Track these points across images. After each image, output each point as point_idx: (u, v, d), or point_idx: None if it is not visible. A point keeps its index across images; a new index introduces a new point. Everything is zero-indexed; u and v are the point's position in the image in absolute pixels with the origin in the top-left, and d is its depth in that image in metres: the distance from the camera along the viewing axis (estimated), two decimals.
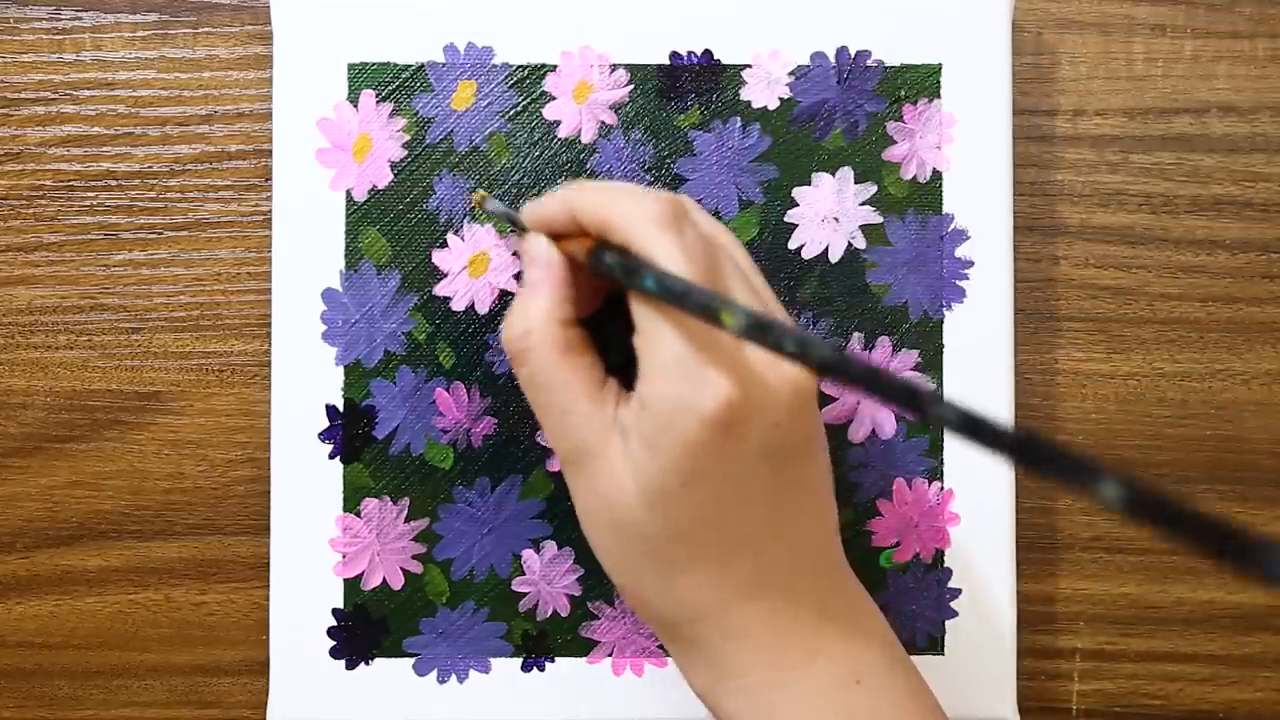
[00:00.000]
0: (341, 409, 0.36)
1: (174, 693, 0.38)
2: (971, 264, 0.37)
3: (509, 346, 0.29)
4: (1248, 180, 0.38)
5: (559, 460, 0.30)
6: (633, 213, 0.28)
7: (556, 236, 0.30)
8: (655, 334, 0.27)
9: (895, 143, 0.37)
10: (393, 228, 0.36)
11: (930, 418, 0.22)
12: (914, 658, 0.36)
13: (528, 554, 0.36)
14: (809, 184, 0.37)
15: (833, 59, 0.37)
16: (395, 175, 0.36)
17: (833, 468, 0.29)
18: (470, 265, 0.36)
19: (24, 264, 0.38)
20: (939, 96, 0.37)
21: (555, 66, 0.37)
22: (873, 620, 0.30)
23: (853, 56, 0.37)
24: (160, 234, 0.38)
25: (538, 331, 0.28)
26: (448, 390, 0.36)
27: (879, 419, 0.37)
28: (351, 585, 0.36)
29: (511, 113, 0.37)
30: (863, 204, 0.37)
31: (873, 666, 0.29)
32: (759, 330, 0.25)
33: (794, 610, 0.29)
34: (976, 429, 0.22)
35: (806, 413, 0.28)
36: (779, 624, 0.28)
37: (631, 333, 0.28)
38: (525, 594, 0.36)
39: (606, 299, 0.31)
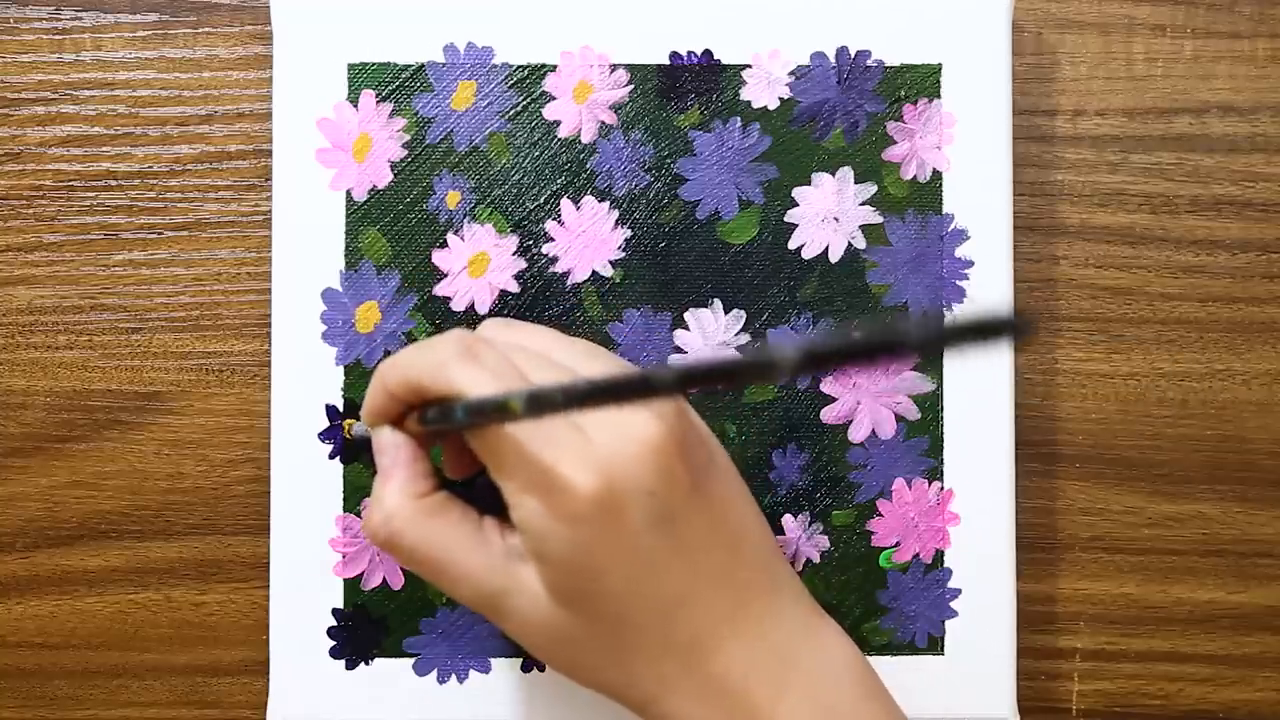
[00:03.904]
0: (341, 409, 0.36)
1: (174, 693, 0.38)
2: (971, 264, 0.37)
3: (375, 541, 0.29)
4: (1248, 180, 0.38)
5: (475, 610, 0.30)
6: (429, 365, 0.28)
7: (399, 418, 0.30)
8: (500, 459, 0.28)
9: (895, 143, 0.37)
10: (393, 228, 0.36)
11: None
12: (914, 658, 0.36)
13: None
14: (809, 184, 0.37)
15: (833, 59, 0.37)
16: (395, 175, 0.36)
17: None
18: (470, 265, 0.36)
19: (24, 264, 0.38)
20: (939, 96, 0.37)
21: (555, 66, 0.37)
22: (834, 643, 0.30)
23: (853, 56, 0.37)
24: (160, 234, 0.38)
25: (397, 514, 0.29)
26: None
27: (879, 419, 0.37)
28: (351, 585, 0.36)
29: (511, 113, 0.37)
30: (863, 204, 0.37)
31: (841, 698, 0.29)
32: (537, 404, 0.25)
33: (750, 655, 0.29)
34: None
35: (676, 465, 0.28)
36: (740, 674, 0.28)
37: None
38: None
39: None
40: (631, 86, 0.37)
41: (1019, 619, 0.37)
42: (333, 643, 0.36)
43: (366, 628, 0.36)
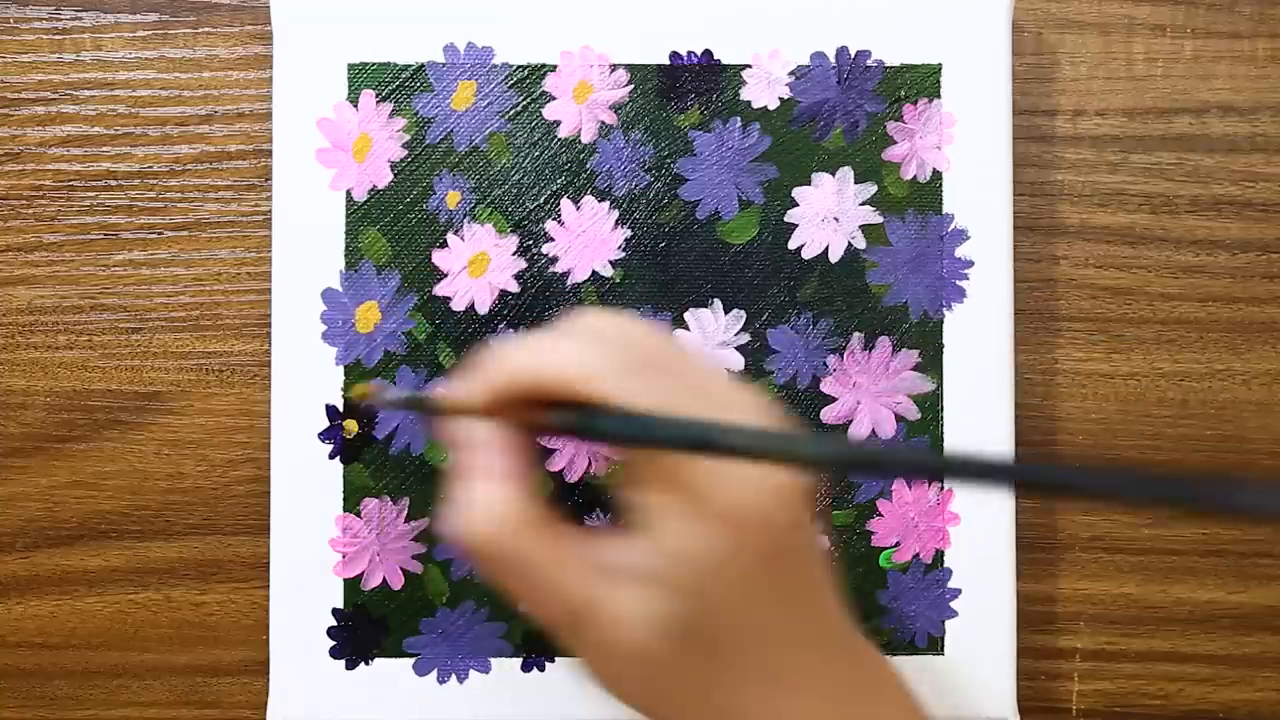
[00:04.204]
0: (341, 409, 0.36)
1: (174, 693, 0.38)
2: (971, 264, 0.37)
3: (471, 545, 0.26)
4: (1248, 180, 0.38)
5: (548, 630, 0.27)
6: (587, 370, 0.26)
7: (507, 411, 0.27)
8: (646, 477, 0.26)
9: (895, 143, 0.37)
10: (393, 228, 0.36)
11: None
12: (914, 658, 0.36)
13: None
14: (809, 184, 0.37)
15: (833, 59, 0.37)
16: (395, 175, 0.36)
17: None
18: (470, 265, 0.36)
19: (24, 264, 0.38)
20: (939, 96, 0.37)
21: (555, 66, 0.37)
22: (901, 695, 0.30)
23: (853, 56, 0.37)
24: (160, 234, 0.38)
25: (511, 520, 0.26)
26: None
27: (879, 419, 0.37)
28: (351, 585, 0.36)
29: (511, 113, 0.37)
30: (863, 204, 0.37)
31: None
32: (761, 446, 0.24)
33: (830, 704, 0.28)
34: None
35: (811, 510, 0.27)
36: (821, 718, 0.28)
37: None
38: None
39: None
40: (631, 86, 0.37)
41: (1019, 619, 0.37)
42: (333, 643, 0.36)
43: (366, 628, 0.36)
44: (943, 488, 0.37)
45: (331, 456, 0.36)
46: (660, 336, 0.28)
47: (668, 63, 0.37)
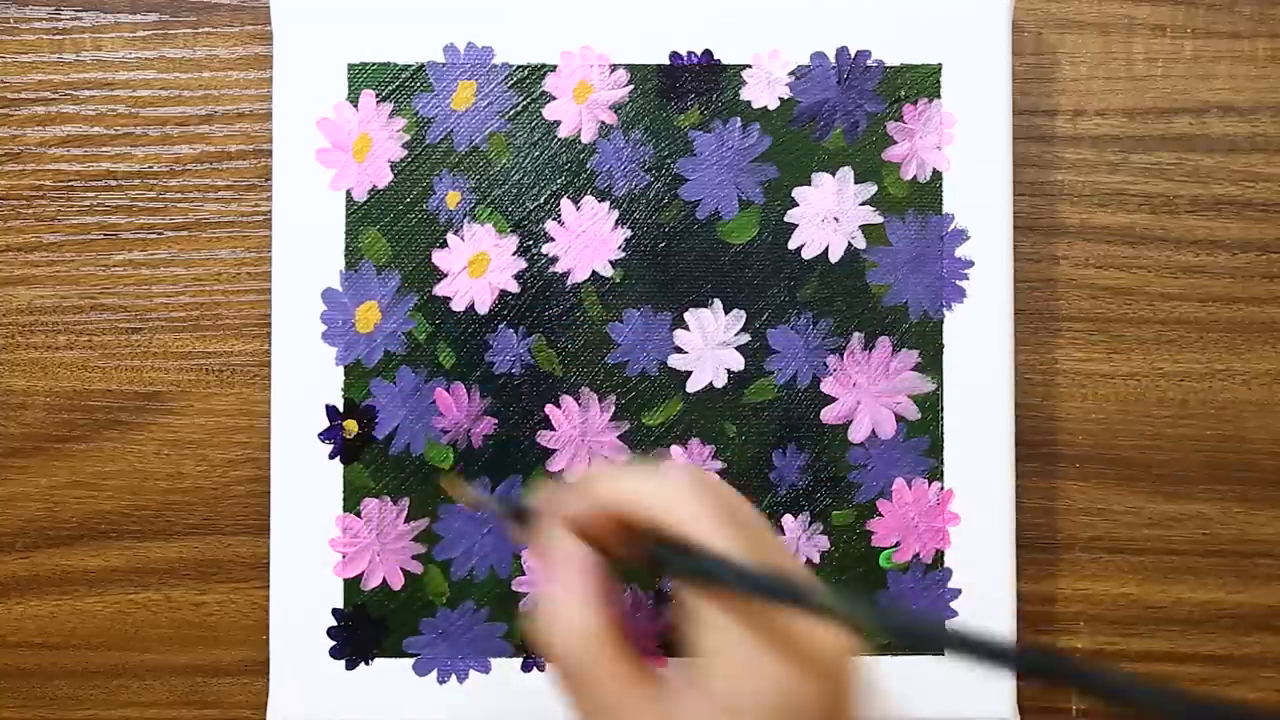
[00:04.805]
0: (341, 409, 0.36)
1: (174, 693, 0.38)
2: (971, 264, 0.37)
3: (564, 658, 0.28)
4: (1248, 180, 0.38)
5: None
6: (679, 514, 0.27)
7: (594, 535, 0.29)
8: (719, 627, 0.27)
9: (895, 143, 0.37)
10: (393, 228, 0.36)
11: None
12: (914, 658, 0.36)
13: (528, 554, 0.36)
14: (809, 184, 0.37)
15: (833, 59, 0.37)
16: (395, 175, 0.36)
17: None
18: (470, 265, 0.36)
19: (24, 264, 0.38)
20: (939, 96, 0.37)
21: (555, 66, 0.37)
22: None
23: (853, 56, 0.37)
24: (160, 234, 0.38)
25: (594, 643, 0.27)
26: (448, 390, 0.36)
27: (879, 419, 0.37)
28: (351, 585, 0.36)
29: (511, 113, 0.37)
30: (863, 204, 0.37)
31: None
32: (834, 606, 0.25)
33: None
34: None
35: (850, 685, 0.28)
36: None
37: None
38: (525, 594, 0.36)
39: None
40: (631, 86, 0.37)
41: (1019, 619, 0.37)
42: (333, 643, 0.36)
43: (366, 628, 0.36)
44: (942, 488, 0.37)
45: (331, 456, 0.36)
46: (743, 499, 0.30)
47: (668, 63, 0.37)
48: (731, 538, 0.27)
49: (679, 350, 0.37)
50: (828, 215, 0.37)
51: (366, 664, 0.36)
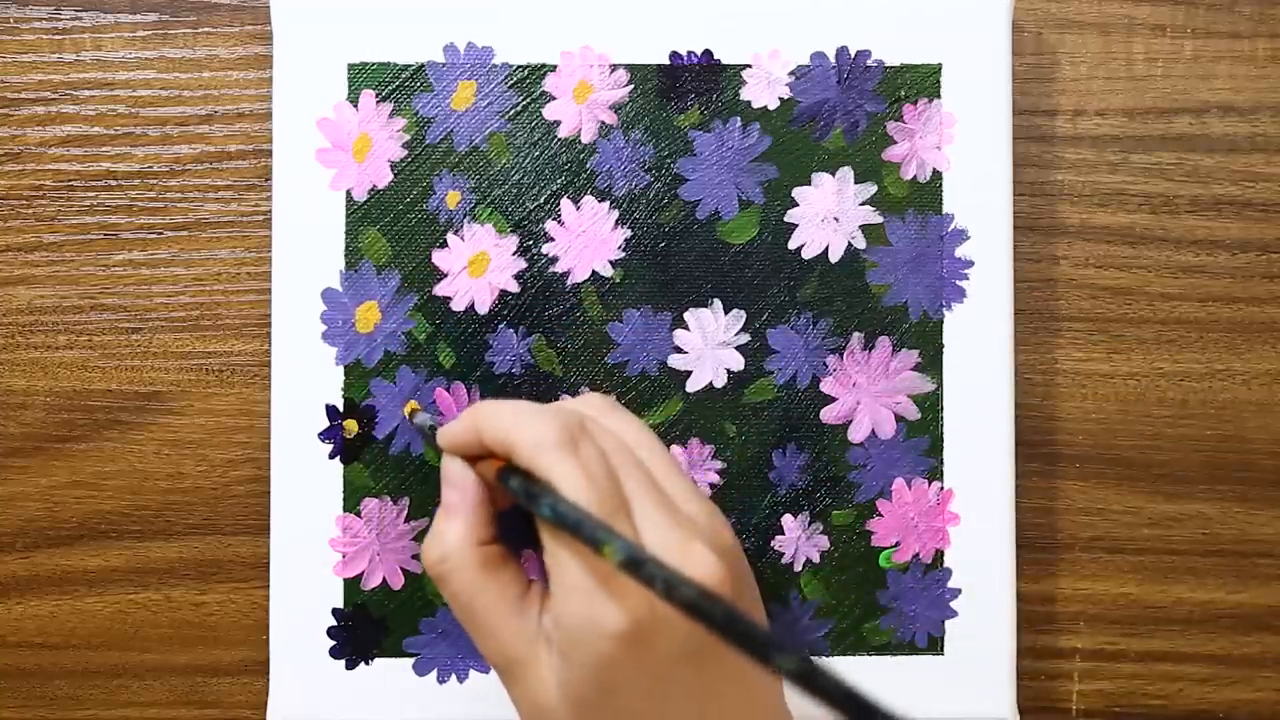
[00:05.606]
0: (341, 409, 0.36)
1: (174, 693, 0.38)
2: (971, 264, 0.37)
3: (429, 570, 0.30)
4: (1248, 180, 0.38)
5: (493, 670, 0.30)
6: (532, 436, 0.28)
7: (473, 457, 0.31)
8: (560, 555, 0.28)
9: (895, 143, 0.37)
10: (393, 228, 0.36)
11: (774, 665, 0.23)
12: (914, 658, 0.36)
13: (527, 554, 0.36)
14: (809, 184, 0.37)
15: (833, 59, 0.37)
16: (395, 175, 0.36)
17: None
18: (470, 265, 0.36)
19: (24, 264, 0.38)
20: (939, 96, 0.37)
21: (555, 66, 0.37)
22: None
23: (853, 56, 0.37)
24: (160, 234, 0.38)
25: (454, 556, 0.29)
26: (448, 390, 0.36)
27: (879, 419, 0.37)
28: (351, 585, 0.36)
29: (511, 113, 0.37)
30: (863, 204, 0.37)
31: None
32: (634, 566, 0.26)
33: None
34: (810, 679, 0.23)
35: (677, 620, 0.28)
36: None
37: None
38: None
39: None
40: (631, 86, 0.37)
41: (1019, 619, 0.37)
42: (333, 643, 0.36)
43: (366, 628, 0.36)
44: (942, 488, 0.37)
45: (331, 456, 0.36)
46: (642, 434, 0.31)
47: (668, 63, 0.37)
48: (585, 478, 0.27)
49: (679, 350, 0.37)
50: (828, 215, 0.37)
51: (366, 664, 0.36)
